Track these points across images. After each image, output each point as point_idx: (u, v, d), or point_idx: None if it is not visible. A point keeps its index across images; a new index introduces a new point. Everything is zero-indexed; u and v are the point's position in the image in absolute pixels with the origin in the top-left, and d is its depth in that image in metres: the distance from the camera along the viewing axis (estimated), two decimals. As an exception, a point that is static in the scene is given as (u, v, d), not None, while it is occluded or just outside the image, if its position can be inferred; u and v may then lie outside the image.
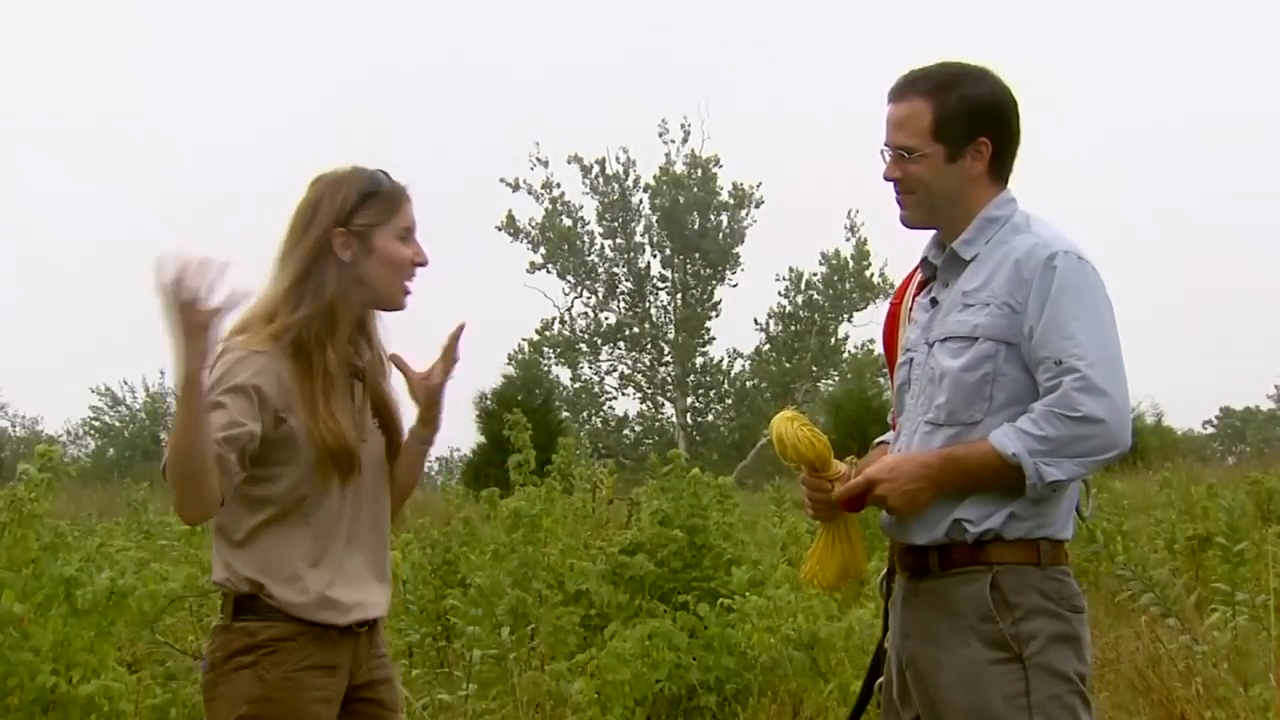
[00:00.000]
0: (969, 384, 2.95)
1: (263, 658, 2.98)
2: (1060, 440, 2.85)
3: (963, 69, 3.07)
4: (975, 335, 2.95)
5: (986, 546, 2.94)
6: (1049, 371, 2.89)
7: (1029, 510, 2.93)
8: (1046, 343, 2.90)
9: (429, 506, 15.35)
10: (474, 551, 8.16)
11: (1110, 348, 2.92)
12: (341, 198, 3.08)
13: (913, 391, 3.08)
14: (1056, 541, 2.99)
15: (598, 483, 11.91)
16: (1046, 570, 2.96)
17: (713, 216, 46.42)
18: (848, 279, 45.48)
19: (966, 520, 2.94)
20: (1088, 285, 2.95)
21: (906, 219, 3.12)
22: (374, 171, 3.14)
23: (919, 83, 3.05)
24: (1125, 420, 2.90)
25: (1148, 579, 6.77)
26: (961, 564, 2.96)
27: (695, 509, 7.81)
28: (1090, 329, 2.90)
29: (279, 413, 2.99)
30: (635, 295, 46.96)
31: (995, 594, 2.92)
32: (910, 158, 3.03)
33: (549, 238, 45.83)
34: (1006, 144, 3.07)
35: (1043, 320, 2.90)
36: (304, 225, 3.09)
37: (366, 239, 3.08)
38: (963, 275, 3.04)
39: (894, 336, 3.26)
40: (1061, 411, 2.85)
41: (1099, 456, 2.89)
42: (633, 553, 7.63)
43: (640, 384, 47.08)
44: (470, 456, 27.63)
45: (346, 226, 3.07)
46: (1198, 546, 9.88)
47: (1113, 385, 2.88)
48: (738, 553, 7.74)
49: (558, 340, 46.12)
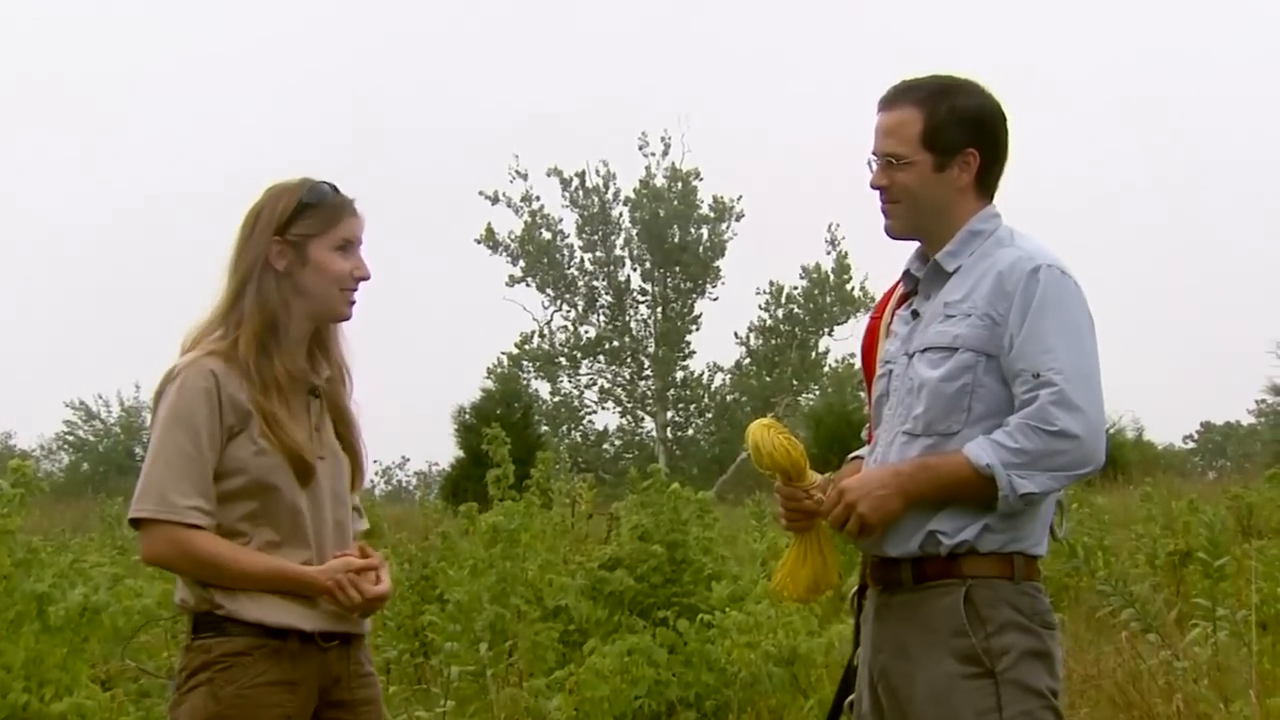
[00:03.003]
0: (948, 394, 2.96)
1: (217, 674, 2.96)
2: (1035, 454, 2.85)
3: (955, 81, 3.10)
4: (955, 346, 2.96)
5: (960, 559, 2.94)
6: (1026, 384, 2.90)
7: (1004, 524, 2.94)
8: (1024, 355, 2.90)
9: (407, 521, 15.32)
10: (452, 567, 8.13)
11: (1088, 364, 2.93)
12: (282, 207, 3.10)
13: (891, 403, 3.08)
14: (1030, 556, 3.00)
15: (577, 497, 11.90)
16: (1020, 585, 2.96)
17: (693, 230, 46.47)
18: (828, 292, 45.57)
19: (941, 533, 2.94)
20: (1069, 300, 2.96)
21: (891, 229, 3.13)
22: (319, 183, 3.15)
23: (910, 92, 3.07)
24: (1100, 437, 2.91)
25: (1128, 594, 6.79)
26: (935, 577, 2.96)
27: (675, 524, 7.81)
28: (1069, 344, 2.91)
29: (232, 428, 2.99)
30: (615, 309, 46.96)
31: (968, 607, 2.92)
32: (898, 165, 3.04)
33: (528, 251, 45.81)
34: (994, 157, 3.09)
35: (1022, 333, 2.91)
36: (247, 234, 3.11)
37: (302, 249, 3.09)
38: (945, 287, 3.05)
39: (873, 351, 3.27)
40: (1037, 425, 2.85)
41: (1072, 472, 2.90)
42: (612, 568, 7.62)
43: (620, 398, 47.08)
44: (448, 471, 27.57)
45: (283, 236, 3.08)
46: (1178, 561, 9.91)
47: (1089, 402, 2.89)
48: (718, 568, 7.73)
49: (537, 354, 46.09)
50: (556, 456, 12.58)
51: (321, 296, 3.11)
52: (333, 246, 3.10)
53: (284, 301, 3.08)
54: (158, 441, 3.00)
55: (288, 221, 3.08)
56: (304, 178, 3.16)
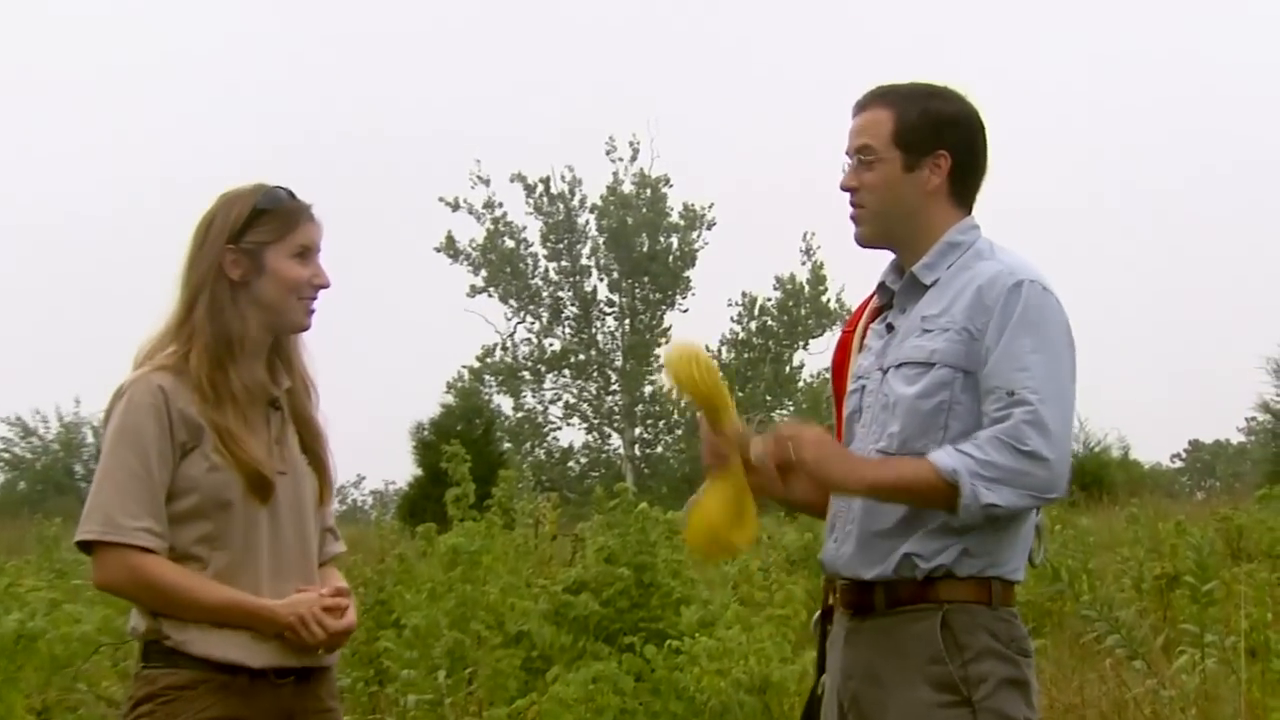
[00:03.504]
0: (923, 412, 2.96)
1: (160, 707, 2.94)
2: (1004, 469, 2.84)
3: (931, 86, 3.14)
4: (932, 361, 2.96)
5: (937, 584, 2.94)
6: (999, 402, 2.89)
7: (982, 548, 2.94)
8: (999, 371, 2.91)
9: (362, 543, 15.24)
10: (409, 590, 8.10)
11: (1064, 386, 2.94)
12: (235, 214, 3.08)
13: (864, 420, 3.09)
14: (1008, 582, 3.00)
15: (540, 518, 11.89)
16: (997, 610, 2.97)
17: (662, 238, 46.55)
18: (803, 304, 45.72)
19: (916, 555, 2.94)
20: (1050, 317, 2.97)
21: (860, 236, 3.14)
22: (274, 188, 3.13)
23: (885, 94, 3.12)
24: (1067, 464, 2.91)
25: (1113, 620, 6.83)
26: (910, 601, 2.96)
27: (643, 546, 7.80)
28: (1047, 363, 2.91)
29: (184, 445, 2.98)
30: (581, 320, 46.97)
31: (945, 633, 2.92)
32: (867, 162, 3.07)
33: (490, 260, 45.79)
34: (968, 163, 3.11)
35: (999, 348, 2.92)
36: (199, 244, 3.10)
37: (257, 257, 3.07)
38: (922, 301, 3.06)
39: (844, 366, 3.28)
40: (1009, 441, 2.85)
41: (1038, 495, 2.88)
42: (577, 592, 7.61)
43: (586, 414, 47.07)
44: (406, 490, 27.51)
45: (237, 244, 3.07)
46: (1165, 586, 9.96)
47: (1060, 426, 2.89)
48: (687, 592, 7.73)
49: (499, 368, 46.03)
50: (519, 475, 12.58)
51: (279, 306, 3.09)
52: (290, 254, 3.09)
53: (239, 312, 3.07)
54: (105, 461, 2.99)
55: (242, 229, 3.07)
56: (258, 183, 3.15)
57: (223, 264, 3.06)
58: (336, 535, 3.29)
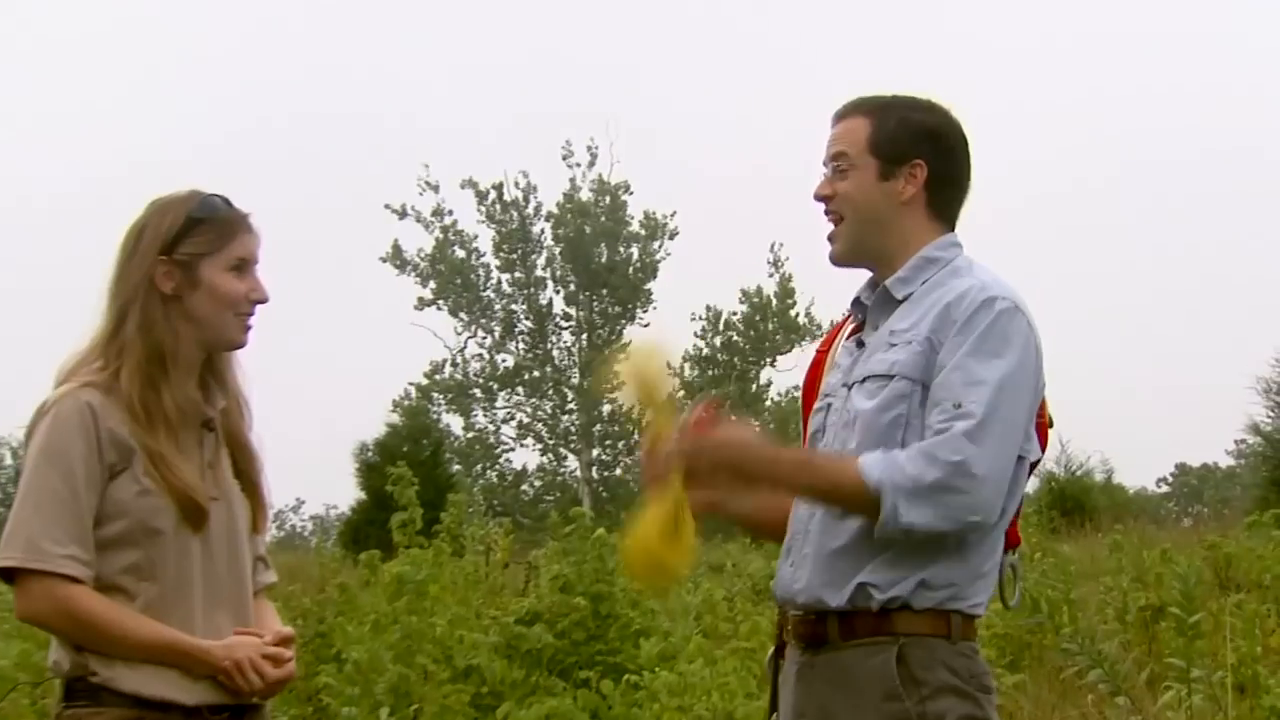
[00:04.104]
0: (880, 426, 2.96)
1: None
2: (931, 485, 2.83)
3: (911, 98, 3.18)
4: (892, 373, 2.98)
5: (893, 615, 2.94)
6: (944, 414, 2.89)
7: (942, 579, 2.94)
8: (950, 384, 2.91)
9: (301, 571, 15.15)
10: (351, 622, 8.06)
11: (1015, 411, 2.93)
12: (168, 223, 3.07)
13: (826, 439, 3.10)
14: (969, 616, 3.00)
15: (492, 544, 11.87)
16: (957, 645, 2.97)
17: (622, 249, 46.63)
18: (771, 319, 45.85)
19: (872, 585, 2.94)
20: (1015, 339, 2.97)
21: (834, 254, 3.16)
22: (209, 196, 3.12)
23: (863, 104, 3.16)
24: (1000, 490, 2.90)
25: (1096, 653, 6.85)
26: (865, 634, 2.95)
27: (600, 574, 7.79)
28: (1002, 383, 2.91)
29: (113, 466, 2.96)
30: (536, 335, 46.97)
31: (901, 668, 2.92)
32: (842, 170, 3.10)
33: (439, 270, 45.73)
34: (946, 176, 3.13)
35: (955, 361, 2.92)
36: (128, 254, 3.08)
37: (192, 270, 3.06)
38: (893, 316, 3.08)
39: (815, 386, 3.30)
40: (942, 457, 2.84)
41: (963, 518, 2.86)
42: (530, 623, 7.60)
43: (541, 434, 47.03)
44: (348, 515, 27.34)
45: (170, 255, 3.05)
46: (1150, 617, 10.01)
47: (1000, 447, 2.89)
48: (647, 623, 7.73)
49: (449, 385, 45.95)
50: (469, 499, 12.54)
51: (214, 322, 3.08)
52: (226, 266, 3.08)
53: (172, 328, 3.05)
54: (27, 482, 2.96)
55: (175, 239, 3.05)
56: (193, 190, 3.13)
57: (154, 276, 3.05)
58: (268, 564, 3.27)
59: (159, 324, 3.04)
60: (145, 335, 3.03)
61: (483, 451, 46.61)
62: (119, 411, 2.99)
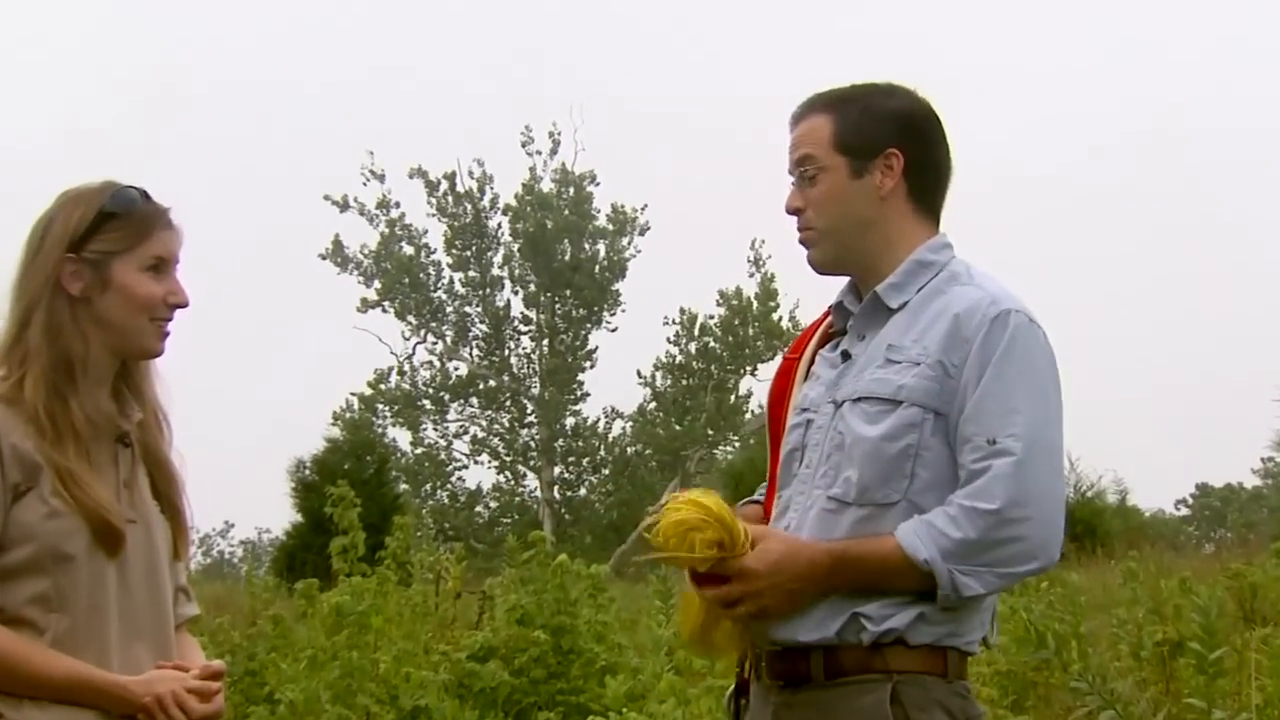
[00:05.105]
0: (888, 456, 2.96)
1: None
2: (980, 544, 2.86)
3: (871, 85, 3.19)
4: (899, 398, 2.97)
5: (885, 650, 2.95)
6: (978, 452, 2.90)
7: (942, 614, 2.95)
8: (981, 416, 2.92)
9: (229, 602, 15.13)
10: (286, 659, 8.05)
11: (1054, 436, 2.96)
12: (78, 217, 3.06)
13: (809, 459, 3.09)
14: (964, 653, 3.02)
15: (442, 572, 11.84)
16: (953, 684, 2.98)
17: (587, 245, 46.64)
18: (751, 323, 45.89)
19: (865, 617, 2.94)
20: (1038, 355, 2.99)
21: (814, 260, 3.17)
22: (125, 188, 3.12)
23: (820, 100, 3.17)
24: (1057, 527, 2.93)
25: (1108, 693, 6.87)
26: (854, 671, 2.96)
27: (562, 605, 7.80)
28: (1035, 408, 2.93)
29: (17, 486, 2.95)
30: (492, 340, 46.95)
31: (896, 709, 2.92)
32: (810, 176, 3.10)
33: (385, 269, 45.69)
34: (925, 161, 3.14)
35: (980, 389, 2.93)
36: (34, 251, 3.08)
37: (102, 269, 3.06)
38: (887, 327, 3.08)
39: (784, 397, 3.28)
40: (985, 507, 2.85)
41: (1022, 567, 2.91)
42: (484, 659, 7.60)
43: (497, 450, 46.98)
44: (283, 539, 27.30)
45: (79, 253, 3.05)
46: (1168, 653, 10.05)
47: (1049, 480, 2.92)
48: (613, 659, 7.74)
49: (395, 395, 45.89)
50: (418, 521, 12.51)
51: (126, 327, 3.08)
52: (141, 266, 3.08)
53: (80, 333, 3.05)
54: None
55: (85, 235, 3.05)
56: (107, 181, 3.13)
57: (61, 276, 3.04)
58: (190, 596, 3.27)
59: (66, 328, 3.04)
60: (51, 341, 3.03)
61: (433, 469, 46.55)
62: (23, 425, 2.98)
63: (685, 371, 46.62)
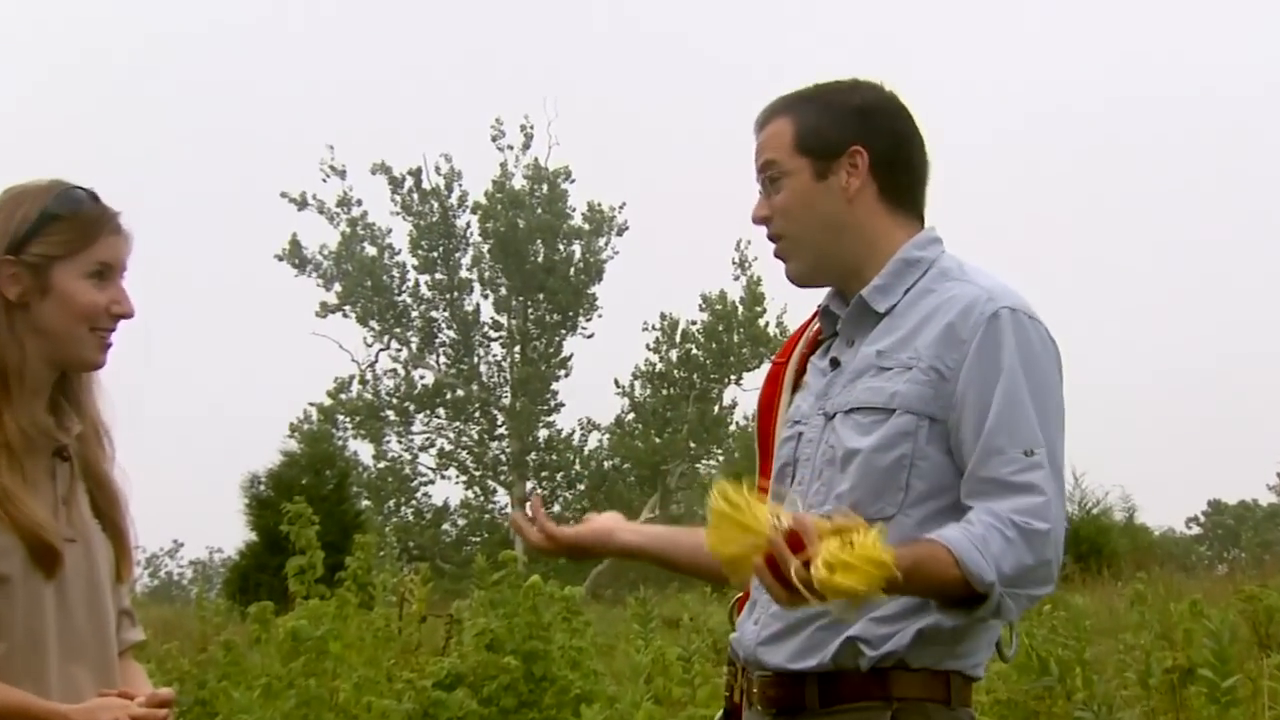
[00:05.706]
0: (881, 469, 2.96)
1: None
2: (1033, 569, 2.84)
3: (833, 82, 3.20)
4: (892, 406, 2.97)
5: (886, 675, 2.94)
6: (1015, 464, 2.88)
7: (943, 634, 2.94)
8: (1008, 426, 2.90)
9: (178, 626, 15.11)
10: (238, 687, 8.04)
11: (1060, 442, 2.96)
12: (19, 217, 3.06)
13: (800, 475, 3.08)
14: (969, 678, 3.02)
15: (406, 594, 11.83)
16: (956, 712, 2.98)
17: (562, 246, 46.68)
18: (736, 329, 45.95)
19: (862, 641, 2.93)
20: (1044, 356, 2.99)
21: (792, 273, 3.18)
22: (72, 188, 3.11)
23: (780, 103, 3.18)
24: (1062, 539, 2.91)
25: (1115, 722, 6.90)
26: (851, 698, 2.95)
27: (534, 629, 7.80)
28: (1042, 413, 2.94)
29: None
30: (460, 347, 46.94)
31: None
32: (774, 182, 3.11)
33: (346, 271, 45.67)
34: (894, 156, 3.13)
35: (998, 395, 2.91)
36: None
37: (42, 274, 3.05)
38: (874, 331, 3.08)
39: (773, 406, 3.28)
40: (1041, 528, 2.83)
41: (1042, 590, 2.89)
42: (451, 687, 7.58)
43: (465, 464, 46.97)
44: (236, 560, 27.29)
45: (18, 256, 3.04)
46: (1178, 681, 10.08)
47: (1062, 492, 2.93)
48: (589, 686, 7.73)
49: (356, 406, 45.85)
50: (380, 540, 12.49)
51: (65, 336, 3.07)
52: (84, 273, 3.06)
53: (16, 340, 3.04)
54: None
55: (26, 237, 3.04)
56: (54, 180, 3.12)
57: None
58: (134, 620, 3.26)
59: (2, 335, 3.03)
60: None
61: (396, 484, 46.53)
62: None
63: (666, 380, 46.65)
